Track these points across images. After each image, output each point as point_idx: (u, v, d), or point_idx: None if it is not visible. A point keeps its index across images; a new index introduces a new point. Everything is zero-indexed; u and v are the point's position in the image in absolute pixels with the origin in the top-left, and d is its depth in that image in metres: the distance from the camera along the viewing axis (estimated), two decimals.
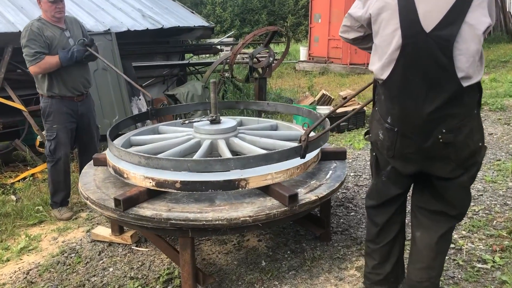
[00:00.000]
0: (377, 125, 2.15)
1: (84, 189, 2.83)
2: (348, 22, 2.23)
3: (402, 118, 2.00)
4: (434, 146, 1.97)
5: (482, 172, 4.41)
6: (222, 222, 2.38)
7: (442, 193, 2.12)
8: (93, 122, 4.20)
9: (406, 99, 1.96)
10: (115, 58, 5.98)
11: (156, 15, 7.15)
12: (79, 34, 4.00)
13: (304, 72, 14.30)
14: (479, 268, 2.81)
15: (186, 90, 6.70)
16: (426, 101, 1.90)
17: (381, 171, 2.27)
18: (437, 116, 1.91)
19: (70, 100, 3.91)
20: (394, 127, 2.04)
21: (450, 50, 1.80)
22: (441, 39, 1.81)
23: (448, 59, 1.82)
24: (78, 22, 4.13)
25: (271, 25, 27.20)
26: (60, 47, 3.77)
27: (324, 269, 2.94)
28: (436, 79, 1.87)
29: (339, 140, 6.34)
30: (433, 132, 1.94)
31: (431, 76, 1.87)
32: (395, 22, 1.92)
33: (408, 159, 2.08)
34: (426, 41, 1.84)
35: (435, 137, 1.94)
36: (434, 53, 1.83)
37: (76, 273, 3.06)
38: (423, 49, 1.85)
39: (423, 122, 1.93)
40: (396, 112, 2.02)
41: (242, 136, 3.20)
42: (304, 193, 2.69)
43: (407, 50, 1.89)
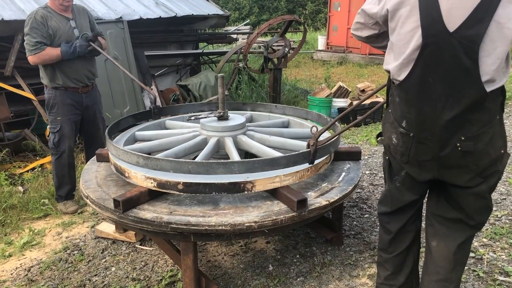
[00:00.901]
0: (390, 128, 2.01)
1: (84, 187, 2.72)
2: (361, 19, 2.06)
3: (418, 123, 1.86)
4: (452, 155, 1.82)
5: (506, 174, 4.17)
6: (226, 228, 2.24)
7: (459, 201, 1.96)
8: (99, 114, 4.08)
9: (424, 103, 1.81)
10: (127, 47, 5.87)
11: (170, 3, 6.99)
12: (86, 25, 3.87)
13: (322, 62, 14.01)
14: (501, 282, 2.62)
15: (198, 80, 6.55)
16: (445, 107, 1.75)
17: (394, 176, 2.12)
18: (456, 123, 1.76)
19: (74, 91, 3.80)
20: (409, 132, 1.90)
21: (475, 51, 1.63)
22: (466, 40, 1.64)
23: (472, 62, 1.65)
24: (86, 12, 3.98)
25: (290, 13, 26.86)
26: (64, 38, 3.65)
27: (335, 276, 2.79)
28: (458, 84, 1.71)
29: (355, 135, 6.14)
30: (451, 140, 1.80)
31: (452, 80, 1.71)
32: (414, 19, 1.75)
33: (423, 166, 1.94)
34: (449, 41, 1.67)
35: (453, 145, 1.80)
36: (458, 55, 1.66)
37: (77, 272, 2.97)
38: (446, 50, 1.69)
39: (441, 129, 1.79)
40: (412, 116, 1.87)
41: (250, 134, 3.05)
42: (314, 197, 2.53)
43: (427, 51, 1.73)
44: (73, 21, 3.76)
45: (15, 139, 5.30)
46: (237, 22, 24.36)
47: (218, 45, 9.71)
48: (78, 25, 3.78)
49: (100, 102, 4.16)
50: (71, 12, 3.78)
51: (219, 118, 3.08)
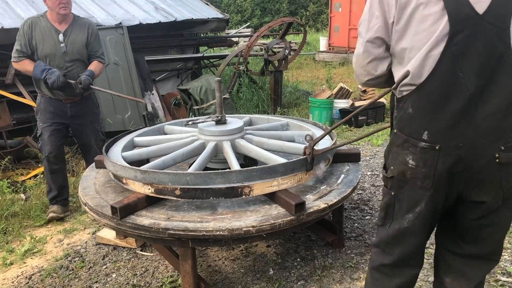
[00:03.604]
0: (402, 151, 1.68)
1: (83, 194, 2.72)
2: (373, 49, 1.70)
3: (447, 129, 1.55)
4: (487, 167, 1.56)
5: None
6: (224, 233, 2.23)
7: (476, 230, 1.70)
8: (90, 124, 3.92)
9: (453, 103, 1.53)
10: (127, 52, 5.89)
11: (169, 8, 7.01)
12: (80, 41, 3.70)
13: (323, 63, 13.99)
14: (504, 282, 2.60)
15: (199, 84, 6.55)
16: (480, 103, 1.51)
17: (405, 214, 1.74)
18: (495, 125, 1.52)
19: (58, 100, 3.73)
20: (434, 144, 1.57)
21: (507, 33, 1.43)
22: (499, 20, 1.44)
23: (505, 46, 1.45)
24: (88, 27, 3.78)
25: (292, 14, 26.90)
26: (47, 51, 3.56)
27: (336, 279, 2.77)
28: (494, 75, 1.49)
29: (357, 135, 6.11)
30: (488, 148, 1.54)
31: (487, 70, 1.49)
32: (436, 8, 1.49)
33: (452, 183, 1.62)
34: (481, 25, 1.45)
35: (491, 156, 1.54)
36: (492, 40, 1.46)
37: (78, 279, 2.97)
38: (478, 37, 1.46)
39: (476, 132, 1.53)
40: (437, 123, 1.57)
41: (249, 138, 3.04)
42: (313, 200, 2.51)
43: (456, 40, 1.48)
44: (63, 36, 3.62)
45: (17, 146, 5.33)
46: (239, 25, 24.39)
47: (219, 49, 9.73)
48: (68, 40, 3.63)
49: (95, 112, 4.01)
50: (69, 25, 3.67)
51: (217, 122, 3.07)
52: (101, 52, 3.91)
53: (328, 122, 6.55)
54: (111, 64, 5.72)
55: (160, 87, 7.12)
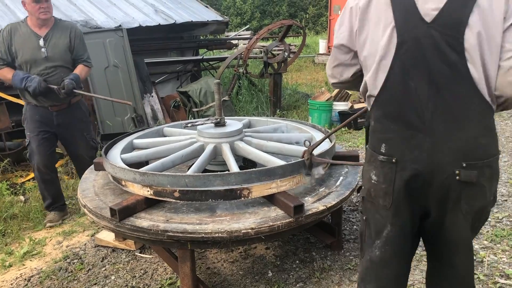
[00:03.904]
0: (367, 166, 1.65)
1: (82, 196, 2.72)
2: (339, 55, 1.70)
3: (403, 140, 1.50)
4: (447, 184, 1.46)
5: (507, 175, 4.14)
6: (222, 235, 2.23)
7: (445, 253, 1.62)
8: (78, 132, 3.78)
9: (407, 114, 1.48)
10: (127, 55, 5.89)
11: (169, 10, 7.03)
12: (62, 46, 3.55)
13: (323, 65, 13.99)
14: (502, 284, 2.60)
15: (199, 86, 6.56)
16: (434, 113, 1.44)
17: (374, 241, 1.67)
18: (453, 139, 1.44)
19: (44, 108, 3.59)
20: (391, 157, 1.52)
21: (460, 42, 1.38)
22: (448, 29, 1.39)
23: (457, 54, 1.39)
24: (71, 31, 3.62)
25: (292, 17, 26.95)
26: (28, 57, 3.44)
27: (334, 281, 2.78)
28: (447, 83, 1.43)
29: (356, 138, 6.12)
30: (447, 163, 1.45)
31: (440, 79, 1.43)
32: (387, 16, 1.48)
33: (413, 199, 1.54)
34: (428, 34, 1.42)
35: (450, 171, 1.45)
36: (441, 48, 1.41)
37: (77, 281, 2.97)
38: (426, 45, 1.43)
39: (433, 145, 1.45)
40: (393, 135, 1.53)
41: (248, 140, 3.05)
42: (312, 202, 2.52)
43: (404, 49, 1.45)
44: (43, 40, 3.48)
45: (16, 148, 5.32)
46: (238, 28, 24.42)
47: (218, 51, 9.75)
48: (49, 45, 3.49)
49: (84, 121, 3.86)
50: (50, 29, 3.53)
51: (216, 124, 3.08)
52: (87, 56, 3.75)
53: (327, 124, 6.56)
54: (110, 66, 5.73)
55: (160, 89, 7.12)
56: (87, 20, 5.80)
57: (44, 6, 3.40)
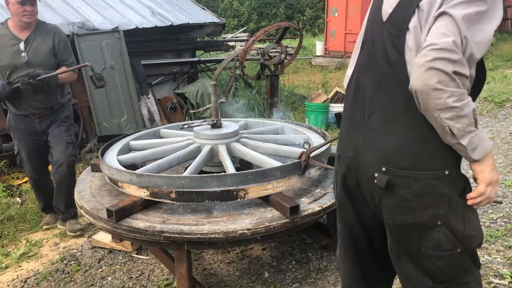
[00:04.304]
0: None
1: (78, 197, 2.73)
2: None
3: (346, 136, 1.56)
4: (369, 186, 1.45)
5: (502, 176, 4.17)
6: (219, 236, 2.25)
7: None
8: (56, 131, 3.50)
9: (354, 111, 1.53)
10: (123, 56, 5.89)
11: (166, 12, 7.04)
12: (45, 50, 3.33)
13: (320, 67, 14.03)
14: (496, 284, 2.62)
15: (195, 88, 6.58)
16: (372, 113, 1.45)
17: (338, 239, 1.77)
18: (377, 140, 1.42)
19: (25, 116, 3.42)
20: (338, 151, 1.61)
21: (401, 42, 1.35)
22: (393, 28, 1.38)
23: (398, 54, 1.36)
24: (54, 34, 3.40)
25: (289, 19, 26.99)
26: (7, 61, 3.23)
27: (330, 281, 2.79)
28: (386, 84, 1.41)
29: None
30: (370, 164, 1.43)
31: (380, 79, 1.42)
32: (368, 11, 1.56)
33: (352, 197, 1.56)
34: (381, 33, 1.42)
35: (372, 172, 1.43)
36: (386, 47, 1.40)
37: (74, 282, 2.98)
38: (377, 44, 1.43)
39: (363, 144, 1.46)
40: (342, 129, 1.60)
41: (244, 141, 3.06)
42: (307, 203, 2.53)
43: (365, 48, 1.49)
44: (24, 44, 3.26)
45: (13, 150, 5.31)
46: (235, 29, 24.45)
47: (215, 53, 9.76)
48: (30, 49, 3.27)
49: (67, 122, 3.60)
50: (32, 32, 3.31)
51: (213, 126, 3.09)
52: (72, 60, 3.52)
53: (324, 126, 6.58)
54: (107, 68, 5.74)
55: (157, 91, 7.13)
56: (83, 22, 5.80)
57: (29, 9, 3.20)
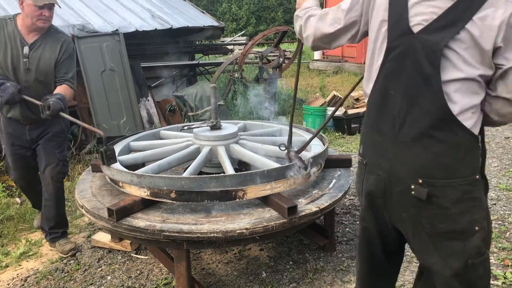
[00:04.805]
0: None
1: (79, 197, 2.77)
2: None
3: (373, 146, 1.57)
4: (403, 197, 1.46)
5: (496, 179, 4.23)
6: (218, 235, 2.29)
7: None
8: (49, 147, 3.24)
9: (382, 121, 1.52)
10: (123, 59, 5.94)
11: (166, 15, 7.10)
12: (48, 59, 3.06)
13: (317, 71, 14.12)
14: (490, 285, 2.66)
15: (194, 91, 6.62)
16: (403, 125, 1.45)
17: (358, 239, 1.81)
18: (413, 154, 1.43)
19: (15, 121, 3.17)
20: (363, 159, 1.60)
21: (437, 56, 1.36)
22: (430, 42, 1.38)
23: (433, 68, 1.37)
24: (62, 45, 3.11)
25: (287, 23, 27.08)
26: (7, 61, 2.98)
27: (327, 281, 2.83)
28: (418, 97, 1.42)
29: (350, 143, 6.20)
30: (404, 177, 1.45)
31: (412, 91, 1.43)
32: (381, 18, 1.51)
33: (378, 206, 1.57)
34: (412, 44, 1.41)
35: (407, 185, 1.44)
36: (419, 59, 1.40)
37: (73, 281, 3.01)
38: (408, 55, 1.43)
39: (395, 156, 1.47)
40: (368, 138, 1.60)
41: (243, 143, 3.11)
42: (305, 203, 2.58)
43: (390, 56, 1.47)
44: (28, 49, 3.00)
45: None
46: (234, 33, 24.56)
47: (214, 56, 9.81)
48: (33, 56, 3.02)
49: (60, 136, 3.30)
50: (39, 37, 3.05)
51: (212, 127, 3.14)
52: (71, 76, 3.16)
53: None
54: (107, 70, 5.78)
55: (156, 94, 7.17)
56: (84, 24, 5.85)
57: (47, 14, 2.95)
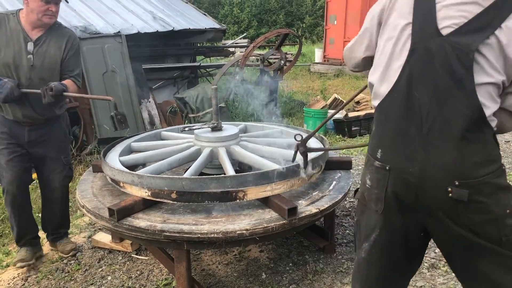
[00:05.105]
0: (365, 170, 1.65)
1: (80, 197, 2.78)
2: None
3: (397, 150, 1.50)
4: (440, 200, 1.45)
5: None
6: (218, 235, 2.30)
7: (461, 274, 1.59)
8: (53, 154, 3.12)
9: (406, 124, 1.48)
10: (125, 60, 5.97)
11: (167, 17, 7.13)
12: (53, 55, 2.92)
13: (318, 74, 14.14)
14: None
15: (196, 93, 6.64)
16: (432, 128, 1.42)
17: (362, 244, 1.70)
18: (448, 156, 1.42)
19: (14, 122, 2.97)
20: (385, 164, 1.52)
21: (470, 58, 1.36)
22: (461, 44, 1.39)
23: (466, 70, 1.37)
24: (67, 41, 2.99)
25: (288, 26, 27.17)
26: (8, 59, 2.82)
27: (326, 283, 2.84)
28: (449, 99, 1.40)
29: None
30: (440, 180, 1.43)
31: (442, 93, 1.41)
32: (405, 20, 1.50)
33: (406, 210, 1.54)
34: (440, 46, 1.41)
35: (443, 188, 1.43)
36: (449, 61, 1.40)
37: (74, 281, 3.02)
38: (436, 57, 1.42)
39: (426, 159, 1.44)
40: (389, 142, 1.53)
41: (244, 144, 3.12)
42: (305, 205, 2.59)
43: (414, 57, 1.45)
44: (33, 45, 2.87)
45: None
46: (235, 35, 24.60)
47: (215, 58, 9.84)
48: (38, 52, 2.88)
49: (63, 140, 3.20)
50: (44, 33, 2.92)
51: (213, 129, 3.15)
52: (77, 73, 3.06)
53: (322, 131, 6.64)
54: (108, 71, 5.81)
55: (157, 95, 7.20)
56: (86, 26, 5.88)
57: (54, 9, 2.83)
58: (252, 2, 30.51)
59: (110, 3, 6.98)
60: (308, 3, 30.49)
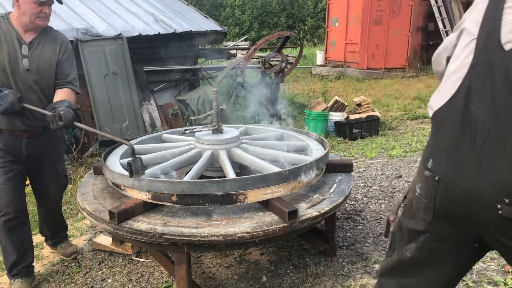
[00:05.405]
0: (416, 178, 1.63)
1: (81, 199, 2.78)
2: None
3: (449, 161, 1.47)
4: (488, 216, 1.42)
5: None
6: (218, 238, 2.30)
7: None
8: (49, 164, 3.04)
9: (460, 137, 1.44)
10: (126, 63, 5.98)
11: (169, 19, 7.14)
12: (48, 59, 2.81)
13: (320, 76, 14.13)
14: None
15: (197, 95, 6.65)
16: (486, 143, 1.39)
17: (406, 245, 1.69)
18: (500, 173, 1.37)
19: (10, 134, 2.81)
20: (435, 175, 1.50)
21: None
22: None
23: None
24: (62, 42, 2.90)
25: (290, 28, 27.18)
26: (2, 61, 2.69)
27: (327, 286, 2.84)
28: (506, 115, 1.36)
29: (351, 148, 6.20)
30: (489, 196, 1.39)
31: (500, 109, 1.37)
32: (473, 30, 1.48)
33: (454, 221, 1.51)
34: (502, 61, 1.37)
35: (492, 204, 1.39)
36: (510, 77, 1.35)
37: (74, 284, 3.02)
38: (497, 72, 1.38)
39: (477, 174, 1.40)
40: (441, 153, 1.51)
41: (244, 147, 3.12)
42: (306, 208, 2.58)
43: (475, 71, 1.42)
44: (27, 48, 2.75)
45: None
46: (237, 38, 24.63)
47: (217, 61, 9.85)
48: (32, 56, 2.77)
49: (58, 149, 3.15)
50: (37, 36, 2.81)
51: (214, 131, 3.15)
52: (73, 77, 2.92)
53: (323, 134, 6.64)
54: (110, 74, 5.82)
55: (158, 97, 7.20)
56: (87, 28, 5.89)
57: (47, 11, 2.75)
58: (253, 4, 30.51)
59: (112, 5, 6.99)
60: (309, 5, 30.48)
